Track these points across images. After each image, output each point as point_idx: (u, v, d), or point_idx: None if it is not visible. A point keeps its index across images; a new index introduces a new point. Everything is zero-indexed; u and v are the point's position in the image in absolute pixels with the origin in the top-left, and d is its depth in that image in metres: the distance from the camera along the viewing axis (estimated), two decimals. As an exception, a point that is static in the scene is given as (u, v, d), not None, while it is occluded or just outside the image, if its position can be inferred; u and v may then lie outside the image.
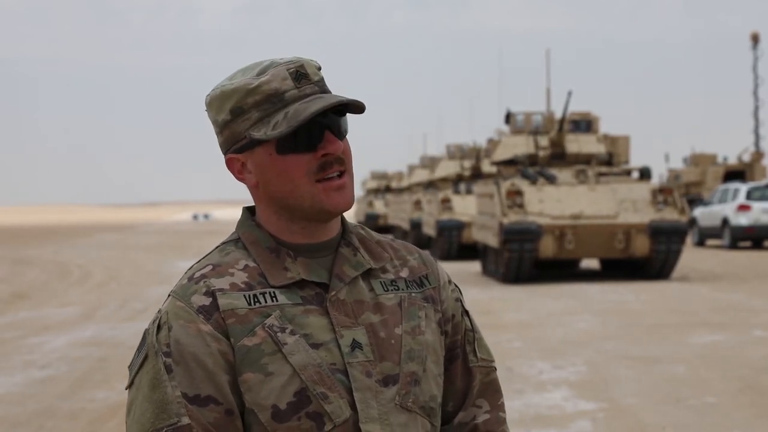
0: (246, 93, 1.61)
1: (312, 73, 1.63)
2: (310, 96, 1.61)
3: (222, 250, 1.69)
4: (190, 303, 1.60)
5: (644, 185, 17.87)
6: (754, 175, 35.05)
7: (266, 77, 1.61)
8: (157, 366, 1.58)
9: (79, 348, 10.36)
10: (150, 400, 1.57)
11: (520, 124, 23.14)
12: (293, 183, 1.61)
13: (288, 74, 1.61)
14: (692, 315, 12.12)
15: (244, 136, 1.62)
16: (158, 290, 16.92)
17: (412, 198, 30.76)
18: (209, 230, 57.70)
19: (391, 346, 1.64)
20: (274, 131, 1.58)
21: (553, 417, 6.76)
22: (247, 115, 1.61)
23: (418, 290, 1.73)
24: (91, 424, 6.80)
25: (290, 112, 1.58)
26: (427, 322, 1.71)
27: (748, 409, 6.89)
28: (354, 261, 1.68)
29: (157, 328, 1.61)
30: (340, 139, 1.63)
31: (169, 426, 1.55)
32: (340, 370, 1.59)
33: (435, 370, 1.70)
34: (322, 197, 1.61)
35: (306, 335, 1.59)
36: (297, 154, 1.60)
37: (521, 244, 16.80)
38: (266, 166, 1.62)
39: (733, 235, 25.92)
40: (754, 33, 51.63)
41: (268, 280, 1.62)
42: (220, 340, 1.58)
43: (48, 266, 24.66)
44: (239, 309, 1.59)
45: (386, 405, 1.62)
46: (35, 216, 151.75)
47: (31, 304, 15.39)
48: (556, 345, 9.78)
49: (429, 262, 1.79)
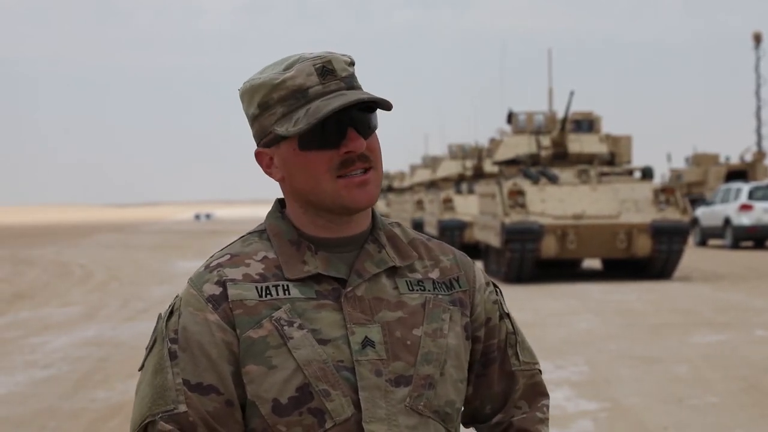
0: (272, 88, 1.60)
1: (339, 69, 1.61)
2: (334, 92, 1.59)
3: (245, 240, 1.69)
4: (201, 291, 1.60)
5: (646, 185, 17.86)
6: (756, 174, 35.02)
7: (291, 72, 1.59)
8: (162, 351, 1.58)
9: (81, 348, 10.36)
10: (151, 385, 1.58)
11: (522, 123, 23.14)
12: (315, 179, 1.60)
13: (314, 69, 1.59)
14: (694, 315, 12.11)
15: (270, 131, 1.62)
16: (160, 290, 16.92)
17: (414, 198, 30.79)
18: (211, 230, 57.69)
19: (406, 346, 1.62)
20: (294, 128, 1.57)
21: (554, 417, 6.75)
22: (273, 110, 1.61)
23: (446, 293, 1.70)
24: (93, 424, 6.80)
25: (311, 108, 1.57)
26: (450, 326, 1.67)
27: (750, 409, 6.88)
28: (377, 258, 1.66)
29: (169, 314, 1.62)
30: (367, 136, 1.61)
31: (165, 412, 1.55)
32: (347, 367, 1.57)
33: (455, 375, 1.67)
34: (343, 193, 1.60)
35: (314, 330, 1.58)
36: (319, 151, 1.59)
37: (523, 243, 16.79)
38: (290, 161, 1.62)
39: (735, 235, 25.90)
40: (756, 33, 51.61)
41: (284, 273, 1.61)
42: (225, 331, 1.57)
43: (49, 266, 24.65)
44: (248, 300, 1.58)
45: (395, 406, 1.59)
46: (36, 216, 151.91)
47: (33, 304, 15.38)
48: (557, 345, 9.78)
49: (463, 263, 1.76)
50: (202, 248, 32.66)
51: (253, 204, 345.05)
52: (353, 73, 1.63)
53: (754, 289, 15.10)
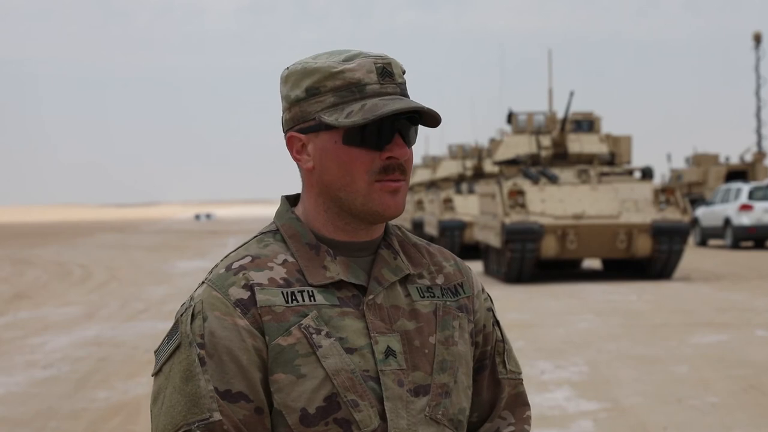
0: (328, 75, 1.56)
1: (397, 74, 1.58)
2: (391, 95, 1.56)
3: (260, 240, 1.63)
4: (228, 295, 1.55)
5: (646, 185, 17.86)
6: (756, 175, 35.01)
7: (352, 65, 1.56)
8: (191, 357, 1.52)
9: (81, 348, 10.35)
10: (182, 393, 1.52)
11: (522, 124, 23.13)
12: (351, 176, 1.56)
13: (374, 68, 1.56)
14: (694, 315, 12.11)
15: (314, 117, 1.57)
16: (159, 290, 16.93)
17: (414, 198, 30.75)
18: (211, 230, 57.69)
19: (424, 355, 1.60)
20: (347, 119, 1.53)
21: (554, 417, 6.75)
22: (322, 97, 1.56)
23: (453, 299, 1.69)
24: (93, 424, 6.79)
25: (368, 105, 1.54)
26: (460, 333, 1.67)
27: (750, 409, 6.88)
28: (393, 265, 1.64)
29: (192, 317, 1.55)
30: (408, 146, 1.59)
31: (201, 421, 1.50)
32: (372, 377, 1.55)
33: (465, 382, 1.67)
34: (375, 197, 1.57)
35: (341, 339, 1.55)
36: (362, 149, 1.56)
37: (523, 243, 16.79)
38: (328, 152, 1.58)
39: (735, 235, 25.90)
40: (756, 33, 51.57)
41: (307, 278, 1.57)
42: (255, 337, 1.53)
43: (49, 266, 24.65)
44: (276, 306, 1.54)
45: (416, 416, 1.58)
46: (36, 216, 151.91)
47: (33, 304, 15.38)
48: (557, 345, 9.77)
49: (464, 269, 1.75)
50: (202, 249, 32.67)
51: (254, 204, 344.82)
52: (406, 82, 1.61)
53: (754, 289, 15.10)
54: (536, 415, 6.79)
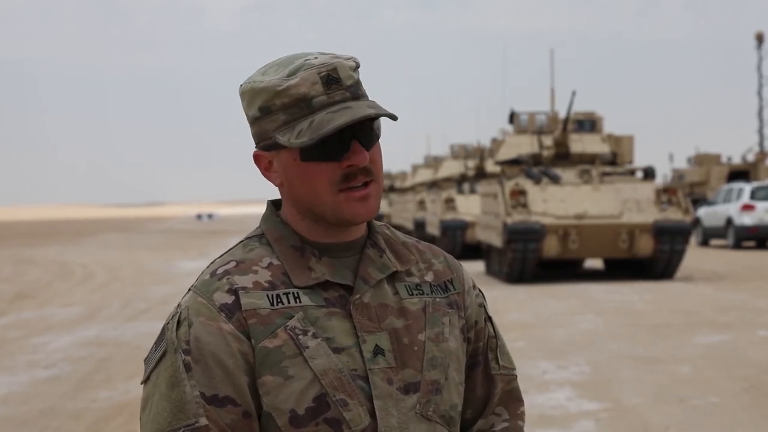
0: (274, 94, 1.55)
1: (345, 77, 1.56)
2: (340, 103, 1.54)
3: (246, 245, 1.64)
4: (212, 300, 1.55)
5: (648, 185, 17.85)
6: (759, 174, 35.00)
7: (295, 80, 1.54)
8: (176, 364, 1.53)
9: (83, 348, 10.36)
10: (168, 399, 1.53)
11: (524, 123, 23.11)
12: (315, 191, 1.57)
13: (318, 78, 1.54)
14: (696, 315, 12.10)
15: (270, 136, 1.57)
16: (161, 290, 16.93)
17: (415, 198, 30.76)
18: (212, 230, 57.71)
19: (413, 352, 1.61)
20: (297, 140, 1.53)
21: (556, 417, 6.75)
22: (275, 116, 1.56)
23: (443, 295, 1.69)
24: (95, 424, 6.80)
25: (315, 121, 1.52)
26: (450, 329, 1.67)
27: (752, 409, 6.88)
28: (380, 263, 1.64)
29: (177, 324, 1.56)
30: (369, 147, 1.58)
31: (187, 426, 1.51)
32: (361, 376, 1.56)
33: (457, 378, 1.67)
34: (343, 207, 1.57)
35: (328, 339, 1.55)
36: (320, 163, 1.55)
37: (525, 243, 16.78)
38: (290, 170, 1.58)
39: (737, 235, 25.89)
40: (758, 33, 51.56)
41: (292, 280, 1.58)
42: (241, 341, 1.53)
43: (51, 266, 24.67)
44: (262, 309, 1.54)
45: (406, 413, 1.58)
46: (38, 215, 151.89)
47: (35, 303, 15.39)
48: (559, 345, 9.77)
49: (454, 266, 1.76)
50: (204, 249, 32.68)
51: (255, 204, 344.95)
52: (358, 80, 1.59)
53: (756, 290, 15.09)
54: (538, 415, 6.80)
